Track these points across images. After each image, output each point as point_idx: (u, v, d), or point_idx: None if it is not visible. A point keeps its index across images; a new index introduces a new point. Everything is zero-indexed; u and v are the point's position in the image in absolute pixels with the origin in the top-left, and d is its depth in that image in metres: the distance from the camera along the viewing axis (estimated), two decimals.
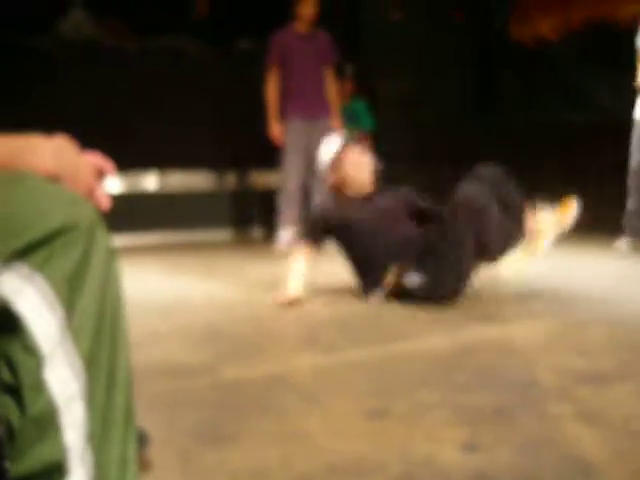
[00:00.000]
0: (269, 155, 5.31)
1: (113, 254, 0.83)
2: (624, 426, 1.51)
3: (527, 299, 2.99)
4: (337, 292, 3.25)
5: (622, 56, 4.69)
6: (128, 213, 5.04)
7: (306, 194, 5.12)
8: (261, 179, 6.06)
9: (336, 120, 5.17)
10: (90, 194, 0.86)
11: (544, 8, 6.37)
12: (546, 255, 3.24)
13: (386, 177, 3.54)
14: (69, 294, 0.77)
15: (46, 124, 1.48)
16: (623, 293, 3.10)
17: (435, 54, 6.60)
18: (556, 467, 1.31)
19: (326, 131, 5.08)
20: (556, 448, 1.40)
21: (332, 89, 5.16)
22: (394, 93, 6.30)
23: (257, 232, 6.05)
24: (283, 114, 5.07)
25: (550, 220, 3.17)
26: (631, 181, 4.50)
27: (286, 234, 5.04)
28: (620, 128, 4.61)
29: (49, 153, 0.82)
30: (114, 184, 5.35)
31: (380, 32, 6.51)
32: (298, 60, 5.04)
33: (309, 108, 5.08)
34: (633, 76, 4.43)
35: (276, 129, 5.05)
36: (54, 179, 0.81)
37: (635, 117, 4.47)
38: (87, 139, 1.26)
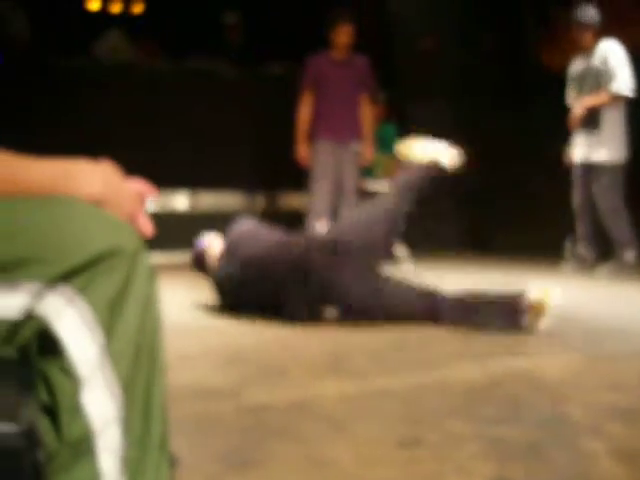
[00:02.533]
0: (299, 177, 5.33)
1: (154, 279, 0.84)
2: None
3: (556, 330, 2.95)
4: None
5: None
6: (158, 232, 5.06)
7: (334, 216, 5.13)
8: (290, 201, 6.09)
9: (368, 146, 5.18)
10: (133, 219, 0.87)
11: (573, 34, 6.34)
12: (576, 286, 3.20)
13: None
14: (109, 318, 0.77)
15: (82, 145, 1.50)
16: None
17: (467, 80, 6.61)
18: None
19: (354, 155, 5.10)
20: None
21: (367, 114, 5.18)
22: (425, 119, 6.31)
23: None
24: (313, 136, 5.10)
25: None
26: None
27: None
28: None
29: (94, 178, 0.83)
30: (148, 205, 5.39)
31: (412, 59, 6.54)
32: (331, 85, 5.07)
33: (339, 131, 5.10)
34: None
35: (302, 150, 5.09)
36: (98, 204, 0.82)
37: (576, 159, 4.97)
38: (122, 158, 1.27)
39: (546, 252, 5.57)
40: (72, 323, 0.75)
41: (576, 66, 5.13)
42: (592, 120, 4.86)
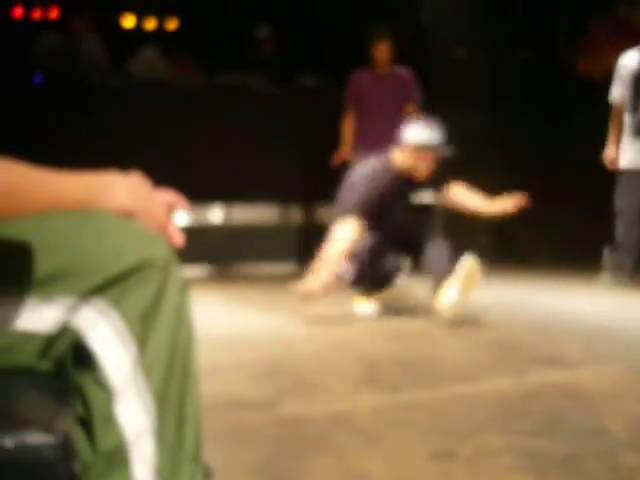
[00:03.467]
0: (333, 190, 5.35)
1: (186, 291, 0.85)
2: None
3: (592, 341, 2.91)
4: (397, 329, 3.21)
5: None
6: (193, 245, 5.12)
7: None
8: (325, 214, 6.10)
9: None
10: (164, 230, 0.88)
11: (613, 42, 6.27)
12: (610, 295, 3.14)
13: None
14: (142, 330, 0.78)
15: (116, 160, 1.52)
16: None
17: (500, 90, 6.56)
18: None
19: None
20: None
21: None
22: (461, 129, 6.29)
23: None
24: (354, 152, 5.16)
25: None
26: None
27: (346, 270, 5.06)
28: None
29: (124, 190, 0.85)
30: (181, 217, 5.45)
31: (445, 69, 6.52)
32: (373, 100, 5.14)
33: (378, 145, 5.13)
34: None
35: (344, 152, 5.14)
36: (129, 215, 0.84)
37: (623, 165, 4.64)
38: (156, 172, 1.29)
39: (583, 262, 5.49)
40: (105, 335, 0.76)
41: (632, 60, 4.70)
42: None
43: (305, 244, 6.10)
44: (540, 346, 2.81)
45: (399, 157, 3.60)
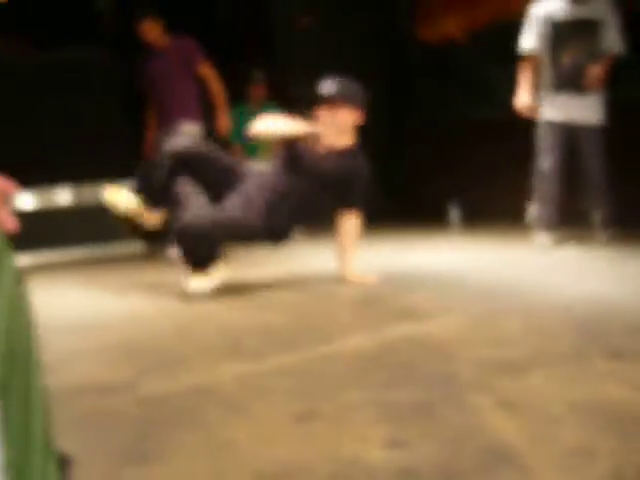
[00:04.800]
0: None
1: (20, 278, 0.81)
2: (543, 412, 1.57)
3: (442, 293, 3.07)
4: (255, 299, 3.24)
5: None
6: (37, 230, 4.91)
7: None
8: None
9: (222, 116, 5.23)
10: None
11: (448, 7, 6.51)
12: (461, 248, 3.31)
13: None
14: None
15: None
16: (539, 284, 3.21)
17: (345, 58, 6.67)
18: (479, 457, 1.35)
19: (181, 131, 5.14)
20: (478, 438, 1.44)
21: (214, 87, 5.20)
22: (305, 98, 6.35)
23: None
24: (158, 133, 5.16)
25: None
26: (542, 183, 4.56)
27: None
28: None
29: None
30: (24, 201, 5.19)
31: (290, 37, 6.54)
32: (158, 79, 5.15)
33: (170, 120, 5.14)
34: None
35: (150, 137, 5.21)
36: None
37: (544, 119, 4.54)
38: None
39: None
40: None
41: (553, 10, 4.49)
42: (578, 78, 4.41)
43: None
44: (392, 302, 2.93)
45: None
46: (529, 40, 4.57)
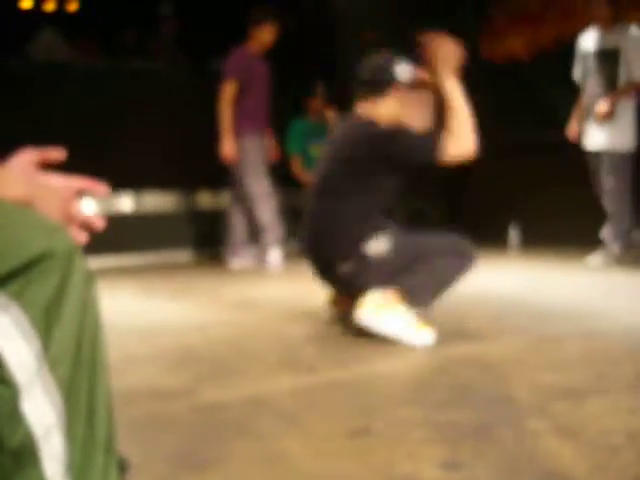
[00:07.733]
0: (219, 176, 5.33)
1: (91, 280, 0.83)
2: (601, 440, 1.52)
3: (501, 315, 3.02)
4: (314, 312, 3.24)
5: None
6: (103, 234, 5.01)
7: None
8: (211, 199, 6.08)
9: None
10: (68, 218, 0.85)
11: (515, 26, 6.44)
12: (520, 270, 3.25)
13: None
14: (46, 323, 0.76)
15: (17, 145, 1.47)
16: (598, 308, 3.14)
17: None
18: None
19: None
20: (535, 464, 1.40)
21: None
22: None
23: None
24: (239, 132, 5.14)
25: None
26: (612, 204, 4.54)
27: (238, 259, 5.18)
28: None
29: (19, 179, 0.82)
30: (89, 206, 5.32)
31: (353, 52, 6.57)
32: (259, 84, 5.15)
33: (264, 127, 5.18)
34: None
35: (228, 147, 5.11)
36: (26, 204, 0.81)
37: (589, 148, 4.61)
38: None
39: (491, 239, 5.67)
40: (6, 330, 0.74)
41: (588, 40, 4.60)
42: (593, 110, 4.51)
43: (204, 230, 6.06)
44: (450, 322, 2.89)
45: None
46: (575, 70, 4.75)
